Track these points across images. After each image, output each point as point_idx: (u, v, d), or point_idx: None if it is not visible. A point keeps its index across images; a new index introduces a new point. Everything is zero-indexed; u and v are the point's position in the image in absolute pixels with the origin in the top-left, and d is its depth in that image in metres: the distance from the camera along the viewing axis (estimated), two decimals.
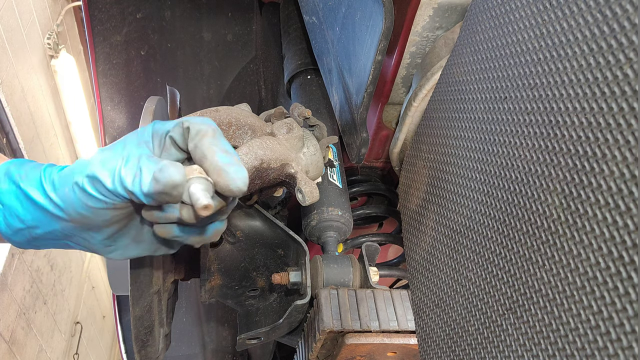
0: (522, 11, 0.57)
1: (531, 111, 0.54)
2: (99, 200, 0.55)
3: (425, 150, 0.85)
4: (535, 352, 0.50)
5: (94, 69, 1.73)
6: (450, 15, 0.96)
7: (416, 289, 0.83)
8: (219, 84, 1.88)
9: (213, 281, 1.06)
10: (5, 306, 2.84)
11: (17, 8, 3.03)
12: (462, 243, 0.68)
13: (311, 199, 0.87)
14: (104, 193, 0.54)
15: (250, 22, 1.86)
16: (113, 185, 0.54)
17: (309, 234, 1.22)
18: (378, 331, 0.91)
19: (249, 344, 1.07)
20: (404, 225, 0.93)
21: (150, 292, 0.81)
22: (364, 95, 0.91)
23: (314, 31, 1.28)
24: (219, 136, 0.57)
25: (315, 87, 1.48)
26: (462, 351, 0.65)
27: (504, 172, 0.59)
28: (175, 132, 0.57)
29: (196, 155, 0.56)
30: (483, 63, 0.65)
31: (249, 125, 0.91)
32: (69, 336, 3.99)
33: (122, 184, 0.53)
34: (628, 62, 0.41)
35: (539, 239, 0.51)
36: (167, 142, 0.57)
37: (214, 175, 0.55)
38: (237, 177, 0.54)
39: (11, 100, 2.92)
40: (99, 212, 0.56)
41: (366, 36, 0.88)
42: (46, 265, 3.49)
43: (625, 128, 0.40)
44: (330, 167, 1.25)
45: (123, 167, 0.54)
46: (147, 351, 0.87)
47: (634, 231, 0.39)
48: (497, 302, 0.58)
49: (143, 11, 1.73)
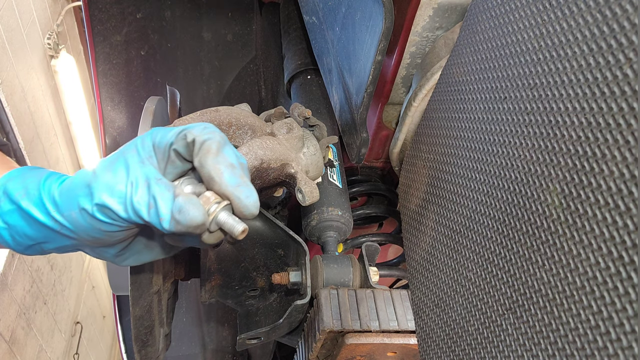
0: (521, 11, 0.57)
1: (531, 111, 0.54)
2: (112, 225, 0.54)
3: (425, 150, 0.85)
4: (535, 352, 0.50)
5: (94, 69, 1.73)
6: (450, 15, 0.96)
7: (416, 289, 0.83)
8: (219, 84, 1.88)
9: (213, 281, 1.06)
10: (6, 306, 2.84)
11: (17, 8, 3.03)
12: (462, 243, 0.68)
13: (311, 199, 0.87)
14: (117, 220, 0.53)
15: (250, 22, 1.86)
16: (127, 214, 0.52)
17: (309, 234, 1.22)
18: (378, 331, 0.91)
19: (249, 344, 1.07)
20: (404, 225, 0.93)
21: (150, 292, 0.81)
22: (364, 95, 0.91)
23: (314, 31, 1.28)
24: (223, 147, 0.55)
25: (315, 87, 1.48)
26: (462, 351, 0.65)
27: (504, 172, 0.59)
28: (178, 144, 0.55)
29: (203, 174, 0.55)
30: (483, 63, 0.65)
31: (249, 125, 0.91)
32: (69, 336, 3.99)
33: (138, 213, 0.52)
34: (628, 62, 0.41)
35: (539, 239, 0.51)
36: (172, 156, 0.56)
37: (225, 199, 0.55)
38: (249, 204, 0.54)
39: (11, 100, 2.92)
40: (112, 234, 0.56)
41: (366, 36, 0.88)
42: (46, 265, 3.49)
43: (625, 128, 0.40)
44: (330, 167, 1.25)
45: (134, 194, 0.52)
46: (147, 351, 0.87)
47: (634, 231, 0.39)
48: (497, 302, 0.58)
49: (143, 11, 1.73)
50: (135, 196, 0.52)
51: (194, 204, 0.52)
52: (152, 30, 1.76)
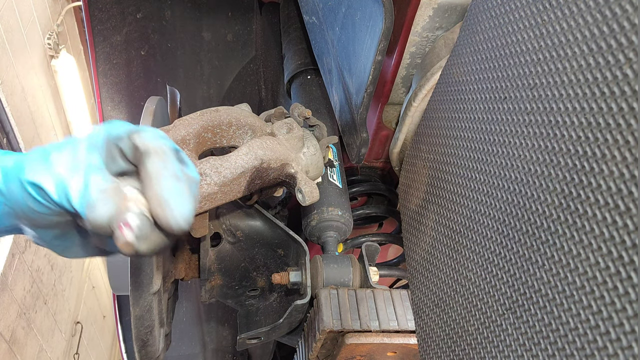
0: (521, 11, 0.57)
1: (531, 111, 0.54)
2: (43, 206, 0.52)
3: (425, 150, 0.85)
4: (535, 352, 0.50)
5: (94, 69, 1.73)
6: (450, 15, 0.96)
7: (416, 288, 0.83)
8: (219, 84, 1.88)
9: (213, 281, 1.06)
10: (6, 306, 2.85)
11: (17, 8, 3.03)
12: (462, 243, 0.68)
13: (311, 199, 0.87)
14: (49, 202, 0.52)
15: (250, 22, 1.86)
16: (59, 198, 0.51)
17: (309, 234, 1.22)
18: (378, 331, 0.91)
19: (249, 344, 1.07)
20: (404, 225, 0.93)
21: (151, 292, 0.81)
22: (364, 95, 0.91)
23: (314, 31, 1.28)
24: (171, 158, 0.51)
25: (315, 87, 1.48)
26: (462, 351, 0.65)
27: (504, 172, 0.59)
28: (123, 144, 0.51)
29: (143, 177, 0.51)
30: (483, 63, 0.65)
31: (249, 125, 0.91)
32: (70, 336, 3.99)
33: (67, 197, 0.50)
34: (628, 62, 0.41)
35: (539, 239, 0.51)
36: (115, 153, 0.52)
37: (154, 205, 0.49)
38: (178, 214, 0.48)
39: (11, 100, 2.92)
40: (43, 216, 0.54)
41: (366, 36, 0.88)
42: (46, 265, 3.50)
43: (625, 128, 0.40)
44: (330, 167, 1.25)
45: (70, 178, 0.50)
46: (148, 351, 0.87)
47: (634, 231, 0.39)
48: (497, 302, 0.58)
49: (143, 11, 1.73)
50: (71, 180, 0.50)
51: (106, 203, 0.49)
52: (152, 30, 1.76)
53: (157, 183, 0.49)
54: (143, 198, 0.51)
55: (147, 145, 0.50)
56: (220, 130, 0.88)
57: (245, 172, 0.83)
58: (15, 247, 2.97)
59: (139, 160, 0.51)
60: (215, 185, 0.80)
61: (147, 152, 0.50)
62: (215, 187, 0.80)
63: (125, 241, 0.48)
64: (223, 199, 0.82)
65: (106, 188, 0.50)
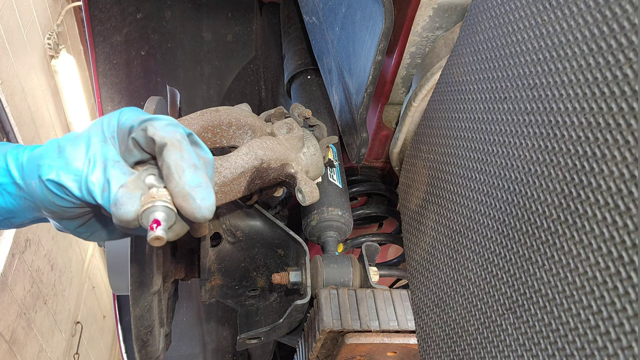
0: (521, 11, 0.57)
1: (531, 111, 0.54)
2: (65, 201, 0.53)
3: (425, 150, 0.85)
4: (535, 352, 0.50)
5: (94, 69, 1.73)
6: (450, 15, 0.96)
7: (416, 288, 0.83)
8: (219, 84, 1.88)
9: (213, 281, 1.06)
10: (6, 306, 2.85)
11: (17, 8, 3.03)
12: (462, 243, 0.68)
13: (311, 199, 0.87)
14: (71, 197, 0.53)
15: (250, 22, 1.86)
16: (81, 193, 0.52)
17: (309, 234, 1.22)
18: (378, 331, 0.91)
19: (249, 344, 1.07)
20: (404, 225, 0.93)
21: (151, 292, 0.81)
22: (364, 95, 0.91)
23: (314, 31, 1.28)
24: (187, 147, 0.52)
25: (315, 87, 1.48)
26: (462, 351, 0.65)
27: (504, 172, 0.59)
28: (137, 135, 0.52)
29: (163, 169, 0.52)
30: (483, 63, 0.65)
31: (249, 125, 0.91)
32: (70, 336, 3.99)
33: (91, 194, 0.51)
34: (628, 62, 0.41)
35: (539, 239, 0.51)
36: (130, 144, 0.53)
37: (178, 199, 0.50)
38: (203, 206, 0.50)
39: (11, 100, 2.92)
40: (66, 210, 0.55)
41: (366, 36, 0.88)
42: (46, 265, 3.50)
43: (625, 128, 0.40)
44: (330, 167, 1.25)
45: (90, 174, 0.51)
46: (148, 351, 0.87)
47: (634, 231, 0.39)
48: (497, 302, 0.58)
49: (143, 11, 1.73)
50: (91, 176, 0.51)
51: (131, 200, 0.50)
52: (152, 30, 1.76)
53: (178, 177, 0.50)
54: (165, 190, 0.52)
55: (162, 137, 0.51)
56: (220, 130, 0.88)
57: (245, 172, 0.83)
58: (15, 247, 2.97)
59: (155, 151, 0.52)
60: (215, 186, 0.80)
61: (163, 143, 0.51)
62: (215, 187, 0.80)
63: (155, 236, 0.49)
64: (223, 199, 0.83)
65: (127, 182, 0.51)
